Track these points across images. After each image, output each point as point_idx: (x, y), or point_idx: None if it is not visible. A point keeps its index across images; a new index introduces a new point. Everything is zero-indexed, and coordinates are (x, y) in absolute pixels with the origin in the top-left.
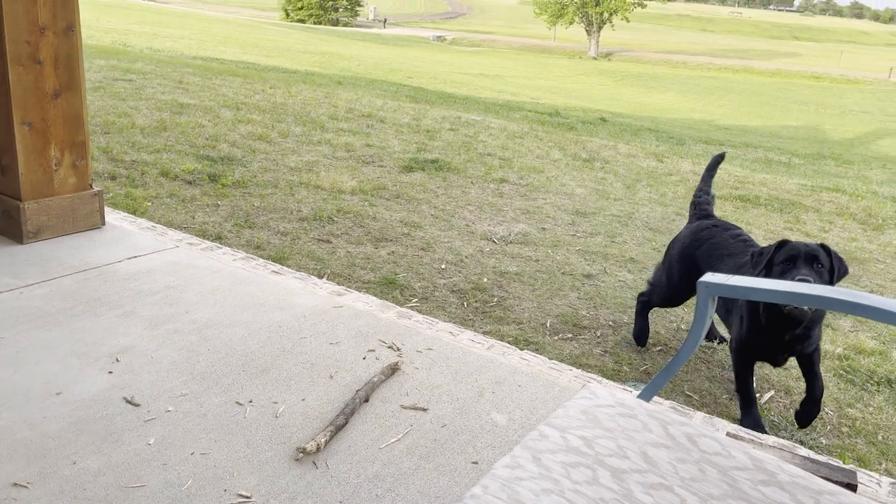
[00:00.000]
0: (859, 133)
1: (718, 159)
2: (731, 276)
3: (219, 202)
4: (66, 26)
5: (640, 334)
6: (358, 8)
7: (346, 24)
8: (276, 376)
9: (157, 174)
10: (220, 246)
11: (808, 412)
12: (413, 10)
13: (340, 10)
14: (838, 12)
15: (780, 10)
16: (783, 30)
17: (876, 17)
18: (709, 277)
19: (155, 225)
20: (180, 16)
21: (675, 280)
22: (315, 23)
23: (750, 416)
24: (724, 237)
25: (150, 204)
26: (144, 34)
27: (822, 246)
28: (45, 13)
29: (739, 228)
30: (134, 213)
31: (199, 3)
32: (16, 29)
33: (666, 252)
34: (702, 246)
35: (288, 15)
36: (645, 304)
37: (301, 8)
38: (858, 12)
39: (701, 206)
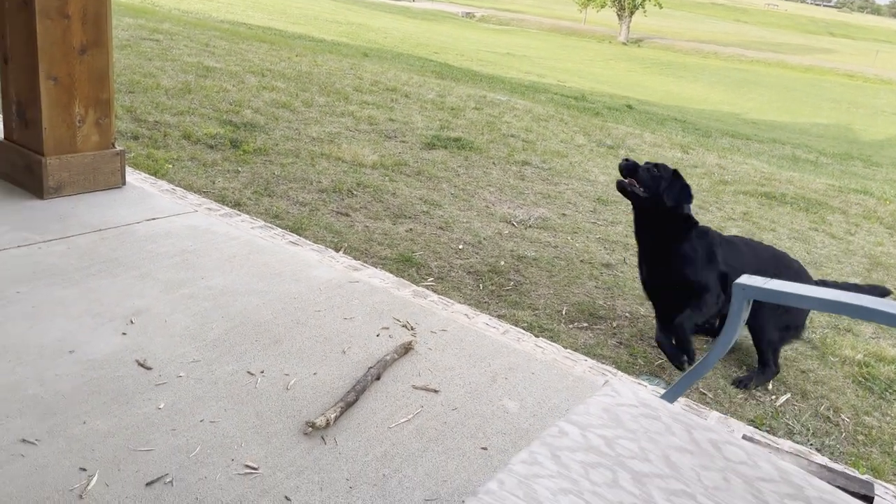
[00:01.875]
0: (890, 135)
1: None
2: (769, 279)
3: (239, 168)
4: None
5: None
6: None
7: None
8: (289, 348)
9: (179, 136)
10: (238, 213)
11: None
12: None
13: None
14: (876, 10)
15: (817, 5)
16: (819, 25)
17: None
18: (745, 280)
19: (175, 188)
20: None
21: None
22: None
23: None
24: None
25: (171, 166)
26: None
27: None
28: None
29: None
30: (154, 174)
31: None
32: None
33: None
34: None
35: None
36: None
37: None
38: None
39: None
